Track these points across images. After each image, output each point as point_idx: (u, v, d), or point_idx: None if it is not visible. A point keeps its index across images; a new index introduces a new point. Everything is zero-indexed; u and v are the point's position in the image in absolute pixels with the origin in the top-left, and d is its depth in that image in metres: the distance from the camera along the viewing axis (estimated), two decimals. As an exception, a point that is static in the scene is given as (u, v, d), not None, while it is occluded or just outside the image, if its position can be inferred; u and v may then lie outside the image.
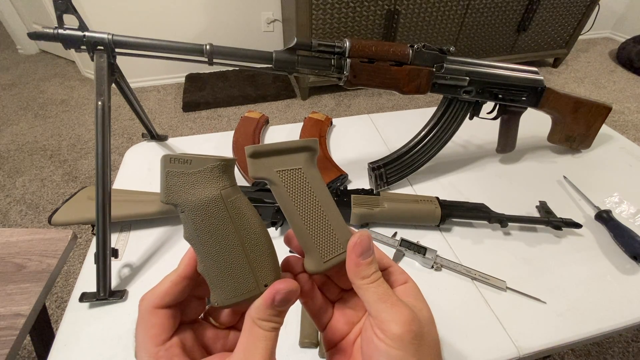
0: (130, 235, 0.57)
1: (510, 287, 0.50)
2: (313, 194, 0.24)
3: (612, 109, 0.69)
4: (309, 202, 0.24)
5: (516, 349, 0.43)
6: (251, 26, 2.29)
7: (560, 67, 2.59)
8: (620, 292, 0.50)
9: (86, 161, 1.75)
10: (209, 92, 2.19)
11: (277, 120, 2.03)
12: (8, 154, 1.78)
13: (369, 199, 0.57)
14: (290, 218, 0.24)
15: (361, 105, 2.18)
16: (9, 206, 1.51)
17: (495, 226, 0.58)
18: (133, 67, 2.20)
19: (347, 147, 0.76)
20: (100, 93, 0.46)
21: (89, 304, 0.47)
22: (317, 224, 0.24)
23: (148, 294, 0.23)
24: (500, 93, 0.61)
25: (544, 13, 2.17)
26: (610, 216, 0.59)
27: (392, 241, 0.56)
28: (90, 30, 0.45)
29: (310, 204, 0.24)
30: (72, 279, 1.26)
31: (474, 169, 0.72)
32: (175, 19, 2.12)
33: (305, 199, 0.24)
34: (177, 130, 1.96)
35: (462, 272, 0.52)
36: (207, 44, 0.48)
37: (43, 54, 2.75)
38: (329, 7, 1.80)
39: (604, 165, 0.73)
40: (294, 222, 0.24)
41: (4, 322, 0.47)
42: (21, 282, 0.52)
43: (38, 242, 0.58)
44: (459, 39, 2.16)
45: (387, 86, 0.56)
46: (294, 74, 0.53)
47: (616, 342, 1.10)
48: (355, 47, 0.52)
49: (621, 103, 2.22)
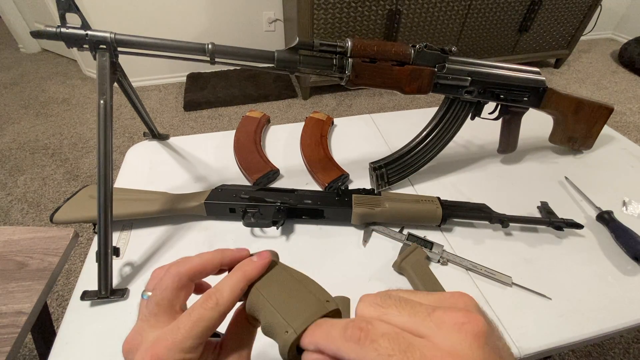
0: (132, 233, 0.57)
1: (516, 283, 0.50)
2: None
3: (613, 110, 0.69)
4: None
5: (517, 349, 0.43)
6: (253, 26, 2.29)
7: (562, 67, 2.59)
8: (621, 293, 0.50)
9: (87, 160, 1.75)
10: (211, 91, 2.20)
11: (279, 120, 2.03)
12: (10, 152, 1.79)
13: (370, 199, 0.57)
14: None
15: (362, 105, 2.18)
16: (11, 204, 1.51)
17: (497, 226, 0.58)
18: (135, 66, 2.20)
19: (349, 147, 0.76)
20: (102, 92, 0.46)
21: (90, 303, 0.47)
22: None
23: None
24: (502, 93, 0.61)
25: (546, 13, 2.16)
26: (612, 217, 0.59)
27: (399, 236, 0.56)
28: (92, 29, 0.46)
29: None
30: (73, 278, 1.26)
31: (476, 169, 0.72)
32: (177, 18, 2.13)
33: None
34: (178, 130, 1.96)
35: (469, 267, 0.52)
36: (209, 43, 0.48)
37: (45, 53, 2.76)
38: (330, 7, 1.80)
39: (606, 166, 0.73)
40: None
41: (5, 319, 0.48)
42: (23, 280, 0.52)
43: (40, 241, 0.58)
44: (460, 39, 2.16)
45: (388, 86, 0.56)
46: (296, 73, 0.53)
47: (617, 343, 1.10)
48: (357, 46, 0.52)
49: (623, 104, 2.21)
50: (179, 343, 0.21)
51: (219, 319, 0.22)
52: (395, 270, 0.52)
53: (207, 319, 0.22)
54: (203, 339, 0.22)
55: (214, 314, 0.22)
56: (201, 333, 0.22)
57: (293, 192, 0.58)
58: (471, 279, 0.52)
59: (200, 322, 0.22)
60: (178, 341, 0.21)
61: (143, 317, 0.23)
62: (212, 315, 0.22)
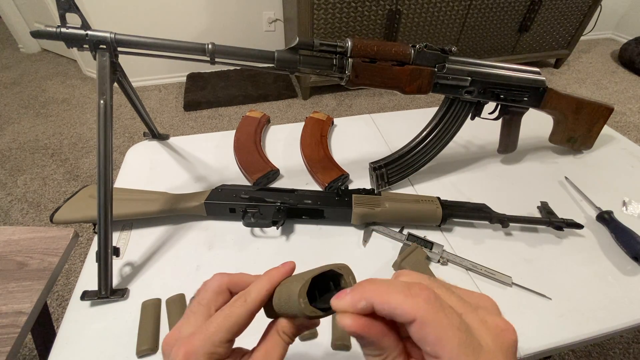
0: (132, 233, 0.57)
1: (516, 283, 0.50)
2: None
3: (613, 110, 0.69)
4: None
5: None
6: (252, 26, 2.29)
7: (562, 67, 2.59)
8: (621, 293, 0.50)
9: (87, 160, 1.75)
10: (210, 91, 2.20)
11: (279, 120, 2.03)
12: (10, 152, 1.79)
13: (370, 199, 0.57)
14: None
15: (362, 105, 2.18)
16: (11, 204, 1.51)
17: (497, 226, 0.58)
18: (135, 66, 2.20)
19: (349, 147, 0.76)
20: (102, 92, 0.46)
21: (90, 303, 0.47)
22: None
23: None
24: (502, 93, 0.61)
25: (546, 13, 2.16)
26: (612, 217, 0.59)
27: (399, 236, 0.56)
28: (92, 29, 0.46)
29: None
30: (73, 278, 1.26)
31: (476, 169, 0.72)
32: (177, 18, 2.13)
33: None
34: (178, 130, 1.96)
35: (469, 267, 0.52)
36: (210, 43, 0.48)
37: (45, 53, 2.76)
38: (330, 7, 1.80)
39: (606, 166, 0.73)
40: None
41: (5, 319, 0.48)
42: (23, 280, 0.52)
43: (40, 241, 0.58)
44: (460, 39, 2.16)
45: (388, 86, 0.56)
46: (296, 73, 0.53)
47: (617, 343, 1.10)
48: (357, 46, 0.52)
49: (623, 104, 2.21)
50: (211, 336, 0.23)
51: (247, 317, 0.25)
52: (395, 270, 0.52)
53: (236, 315, 0.24)
54: (232, 334, 0.24)
55: (242, 310, 0.25)
56: (230, 327, 0.24)
57: (293, 192, 0.58)
58: (471, 279, 0.52)
59: (230, 318, 0.24)
60: (209, 334, 0.23)
61: (184, 315, 0.26)
62: (240, 312, 0.25)
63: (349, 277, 0.24)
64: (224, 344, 0.24)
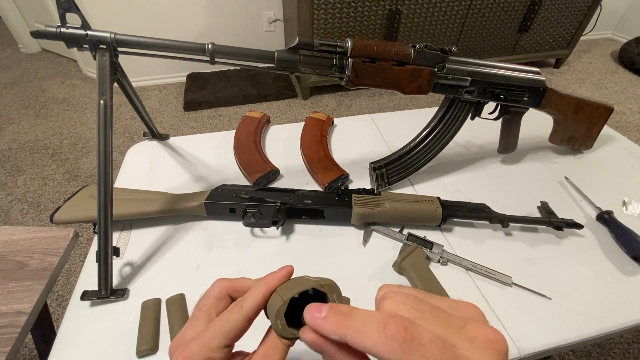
0: (132, 233, 0.57)
1: (516, 283, 0.50)
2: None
3: (613, 110, 0.69)
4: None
5: (517, 349, 0.43)
6: (252, 26, 2.29)
7: (562, 67, 2.59)
8: (621, 293, 0.50)
9: (87, 160, 1.75)
10: (210, 91, 2.20)
11: (279, 120, 2.03)
12: (9, 152, 1.79)
13: (370, 199, 0.57)
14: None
15: (362, 105, 2.18)
16: (11, 204, 1.51)
17: (497, 226, 0.58)
18: (135, 66, 2.20)
19: (349, 147, 0.76)
20: (102, 92, 0.46)
21: (91, 303, 0.47)
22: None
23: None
24: (502, 93, 0.61)
25: (546, 13, 2.16)
26: (612, 217, 0.59)
27: (399, 236, 0.56)
28: (92, 29, 0.46)
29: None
30: (73, 278, 1.26)
31: (476, 169, 0.72)
32: (177, 18, 2.13)
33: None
34: (178, 130, 1.96)
35: (468, 267, 0.52)
36: (210, 43, 0.48)
37: (45, 53, 2.76)
38: (330, 7, 1.80)
39: (606, 166, 0.73)
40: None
41: (5, 319, 0.48)
42: (23, 280, 0.52)
43: (40, 241, 0.58)
44: (460, 39, 2.16)
45: (388, 86, 0.56)
46: (296, 73, 0.53)
47: (617, 343, 1.10)
48: (357, 46, 0.52)
49: (623, 104, 2.21)
50: (208, 341, 0.24)
51: (243, 322, 0.25)
52: (395, 270, 0.52)
53: (233, 321, 0.24)
54: (229, 339, 0.24)
55: (238, 316, 0.25)
56: (227, 333, 0.24)
57: (293, 192, 0.58)
58: (471, 279, 0.52)
59: (227, 324, 0.24)
60: (207, 340, 0.24)
61: (188, 322, 0.27)
62: (237, 317, 0.25)
63: (332, 295, 0.25)
64: (221, 350, 0.24)
